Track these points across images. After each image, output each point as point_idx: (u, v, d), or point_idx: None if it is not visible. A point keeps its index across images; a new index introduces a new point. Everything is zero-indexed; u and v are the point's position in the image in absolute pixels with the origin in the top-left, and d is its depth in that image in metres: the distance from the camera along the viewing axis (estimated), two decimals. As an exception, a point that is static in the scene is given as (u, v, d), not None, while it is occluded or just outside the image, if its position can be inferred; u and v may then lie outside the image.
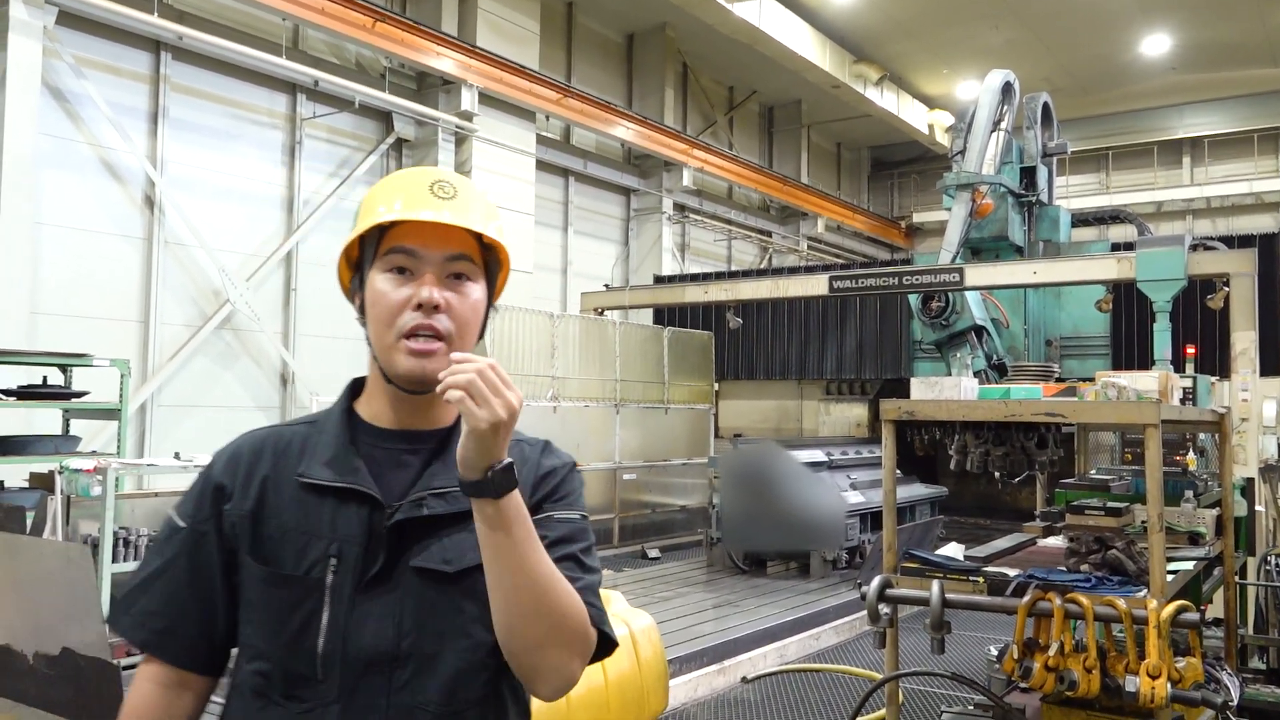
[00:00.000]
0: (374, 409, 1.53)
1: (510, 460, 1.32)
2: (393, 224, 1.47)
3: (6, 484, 6.84)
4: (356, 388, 1.59)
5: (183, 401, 10.36)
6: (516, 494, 1.33)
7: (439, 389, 1.30)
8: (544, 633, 1.36)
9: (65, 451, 7.02)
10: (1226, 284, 9.45)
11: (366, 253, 1.51)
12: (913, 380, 4.54)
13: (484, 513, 1.32)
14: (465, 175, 12.40)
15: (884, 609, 3.55)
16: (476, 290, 1.50)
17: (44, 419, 8.04)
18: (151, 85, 10.23)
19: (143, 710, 1.47)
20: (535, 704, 1.58)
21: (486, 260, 1.53)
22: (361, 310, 1.51)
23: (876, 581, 3.57)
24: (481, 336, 1.54)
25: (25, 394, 7.09)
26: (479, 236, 1.51)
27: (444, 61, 12.13)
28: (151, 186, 10.10)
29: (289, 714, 1.41)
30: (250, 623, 1.46)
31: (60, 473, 6.08)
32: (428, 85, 12.71)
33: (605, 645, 1.46)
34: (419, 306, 1.44)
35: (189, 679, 1.49)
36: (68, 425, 7.64)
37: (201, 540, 1.48)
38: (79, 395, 7.38)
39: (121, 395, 7.50)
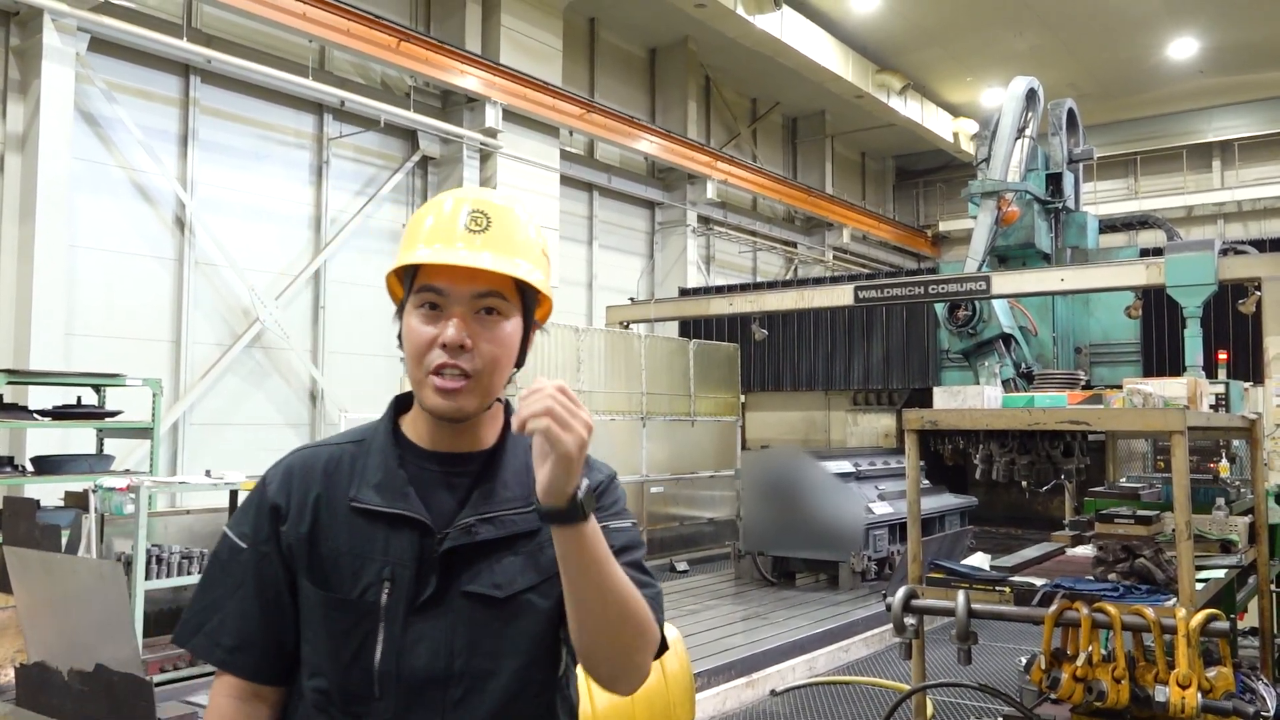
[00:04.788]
0: (419, 429, 1.53)
1: (588, 481, 1.31)
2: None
3: (43, 503, 6.94)
4: (401, 404, 1.57)
5: (214, 420, 10.48)
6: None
7: (514, 427, 1.29)
8: (630, 640, 1.40)
9: (99, 470, 7.12)
10: (1258, 288, 9.33)
11: (405, 283, 1.51)
12: (936, 389, 4.52)
13: (566, 536, 1.31)
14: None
15: (909, 620, 3.53)
16: (509, 325, 1.47)
17: (79, 438, 8.17)
18: (181, 108, 10.41)
19: None
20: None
21: (523, 287, 1.49)
22: (400, 338, 1.51)
23: (901, 592, 3.56)
24: (521, 364, 1.52)
25: (60, 414, 7.21)
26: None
27: (468, 79, 12.24)
28: (182, 208, 10.26)
29: None
30: (309, 641, 1.48)
31: (94, 491, 6.16)
32: (452, 103, 12.82)
33: (661, 645, 1.49)
34: (445, 345, 1.43)
35: (263, 691, 1.50)
36: (102, 444, 7.75)
37: (264, 561, 1.49)
38: (113, 415, 7.49)
39: (154, 414, 7.61)
